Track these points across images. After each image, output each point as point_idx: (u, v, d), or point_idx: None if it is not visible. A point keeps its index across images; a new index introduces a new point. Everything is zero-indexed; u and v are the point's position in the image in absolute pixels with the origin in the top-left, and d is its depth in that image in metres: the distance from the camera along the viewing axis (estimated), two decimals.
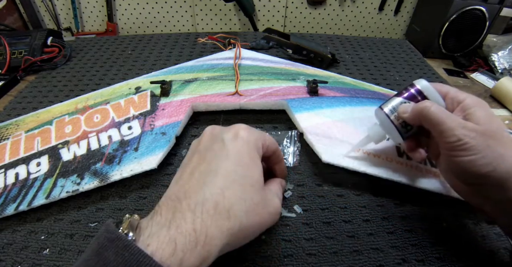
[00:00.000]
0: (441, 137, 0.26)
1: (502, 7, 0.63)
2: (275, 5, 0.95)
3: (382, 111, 0.31)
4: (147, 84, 0.45)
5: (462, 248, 0.30)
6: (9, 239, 0.30)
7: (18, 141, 0.39)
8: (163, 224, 0.19)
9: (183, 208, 0.20)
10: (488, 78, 0.63)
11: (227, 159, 0.23)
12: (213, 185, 0.22)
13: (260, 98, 0.44)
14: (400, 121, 0.30)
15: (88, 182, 0.33)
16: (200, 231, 0.19)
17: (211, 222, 0.20)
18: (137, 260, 0.17)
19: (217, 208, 0.21)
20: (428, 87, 0.29)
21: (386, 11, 0.97)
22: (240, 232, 0.21)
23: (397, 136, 0.30)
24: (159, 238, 0.19)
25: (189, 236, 0.19)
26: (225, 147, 0.24)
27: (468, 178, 0.26)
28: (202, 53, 0.63)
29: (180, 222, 0.19)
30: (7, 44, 0.57)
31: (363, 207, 0.33)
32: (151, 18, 0.99)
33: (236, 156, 0.24)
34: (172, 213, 0.20)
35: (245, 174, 0.23)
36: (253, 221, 0.22)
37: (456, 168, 0.26)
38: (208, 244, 0.19)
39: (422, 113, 0.27)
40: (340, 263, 0.28)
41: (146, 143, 0.37)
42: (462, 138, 0.24)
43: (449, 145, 0.25)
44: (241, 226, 0.21)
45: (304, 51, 0.57)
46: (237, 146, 0.24)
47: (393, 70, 0.60)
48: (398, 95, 0.31)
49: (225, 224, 0.20)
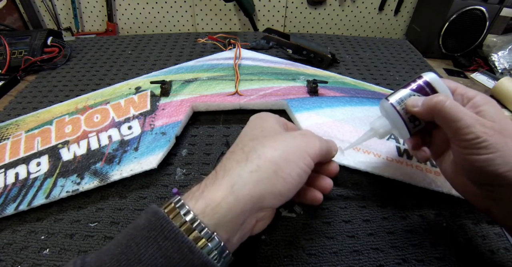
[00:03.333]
0: (456, 135, 0.24)
1: (502, 7, 0.63)
2: (275, 5, 0.95)
3: (388, 102, 0.28)
4: (147, 84, 0.45)
5: (462, 248, 0.30)
6: (9, 239, 0.30)
7: (18, 141, 0.39)
8: (205, 184, 0.23)
9: (229, 163, 0.24)
10: (488, 78, 0.63)
11: (277, 135, 0.26)
12: (261, 143, 0.24)
13: (260, 98, 0.44)
14: (409, 115, 0.27)
15: (88, 182, 0.33)
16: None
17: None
18: (161, 225, 0.19)
19: (270, 158, 0.23)
20: (437, 80, 0.27)
21: (386, 11, 0.97)
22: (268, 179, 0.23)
23: (404, 130, 0.28)
24: (200, 196, 0.21)
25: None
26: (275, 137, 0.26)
27: (482, 178, 0.24)
28: (202, 53, 0.63)
29: (223, 171, 0.23)
30: (7, 44, 0.57)
31: (363, 207, 0.33)
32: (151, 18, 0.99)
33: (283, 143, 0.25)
34: (215, 172, 0.24)
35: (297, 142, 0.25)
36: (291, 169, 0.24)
37: (470, 168, 0.24)
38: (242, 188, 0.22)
39: (436, 107, 0.25)
40: (340, 263, 0.28)
41: (146, 143, 0.37)
42: (480, 135, 0.23)
43: (466, 143, 0.23)
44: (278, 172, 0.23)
45: (304, 51, 0.57)
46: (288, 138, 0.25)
47: (393, 70, 0.60)
48: (405, 86, 0.28)
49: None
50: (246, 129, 0.27)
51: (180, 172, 0.37)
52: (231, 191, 0.21)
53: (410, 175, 0.34)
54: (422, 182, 0.34)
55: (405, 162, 0.35)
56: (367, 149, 0.36)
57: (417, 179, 0.34)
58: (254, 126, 0.27)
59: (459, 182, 0.27)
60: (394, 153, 0.36)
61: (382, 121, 0.29)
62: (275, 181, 0.22)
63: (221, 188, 0.21)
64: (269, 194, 0.22)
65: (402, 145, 0.38)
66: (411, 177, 0.34)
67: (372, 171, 0.34)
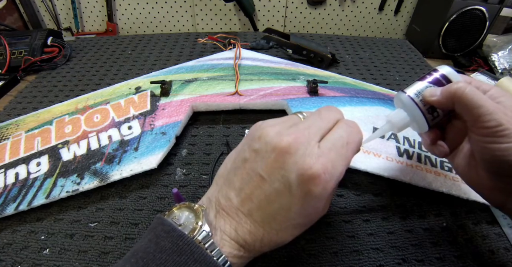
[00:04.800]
0: (477, 122, 0.23)
1: (502, 7, 0.63)
2: (275, 5, 0.95)
3: (405, 94, 0.27)
4: (147, 84, 0.45)
5: (462, 248, 0.30)
6: (9, 239, 0.30)
7: (18, 141, 0.39)
8: (229, 234, 0.21)
9: (245, 232, 0.21)
10: (488, 78, 0.63)
11: (288, 211, 0.21)
12: (269, 227, 0.21)
13: (260, 98, 0.44)
14: (427, 107, 0.27)
15: (88, 182, 0.33)
16: (257, 252, 0.22)
17: (262, 248, 0.22)
18: (190, 249, 0.19)
19: (271, 243, 0.22)
20: (453, 72, 0.27)
21: (386, 11, 0.97)
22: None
23: (423, 123, 0.27)
24: (230, 247, 0.21)
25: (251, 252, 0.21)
26: (290, 199, 0.20)
27: (501, 169, 0.23)
28: (202, 53, 0.63)
29: (244, 243, 0.21)
30: (7, 44, 0.57)
31: (363, 207, 0.33)
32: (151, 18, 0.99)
33: (298, 210, 0.21)
34: (235, 231, 0.21)
35: (303, 222, 0.22)
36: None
37: (490, 157, 0.23)
38: (260, 250, 0.22)
39: (456, 94, 0.24)
40: (340, 263, 0.28)
41: (146, 143, 0.37)
42: (503, 122, 0.22)
43: (487, 130, 0.23)
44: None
45: (304, 51, 0.57)
46: (302, 204, 0.20)
47: (393, 70, 0.60)
48: (420, 79, 0.28)
49: (270, 247, 0.22)
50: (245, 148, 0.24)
51: (180, 172, 0.37)
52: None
53: (410, 175, 0.34)
54: (422, 182, 0.34)
55: (405, 162, 0.35)
56: (367, 149, 0.36)
57: (417, 179, 0.34)
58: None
59: (474, 176, 0.26)
60: (394, 153, 0.36)
61: (400, 113, 0.28)
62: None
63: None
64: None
65: (402, 145, 0.38)
66: (411, 177, 0.34)
67: (372, 171, 0.34)
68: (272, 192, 0.20)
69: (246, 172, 0.22)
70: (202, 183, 0.35)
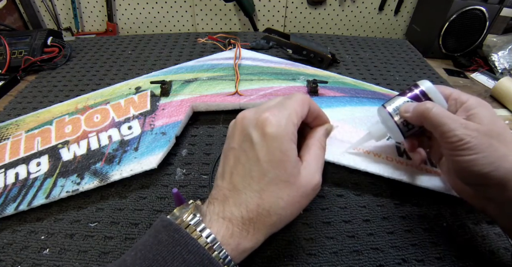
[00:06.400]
0: (442, 138, 0.26)
1: (502, 7, 0.63)
2: (275, 5, 0.95)
3: (385, 109, 0.31)
4: (147, 84, 0.45)
5: (462, 248, 0.30)
6: (9, 239, 0.30)
7: (18, 141, 0.39)
8: (217, 214, 0.23)
9: (231, 205, 0.23)
10: (488, 78, 0.63)
11: (258, 162, 0.23)
12: (250, 189, 0.23)
13: (260, 98, 0.44)
14: (402, 120, 0.30)
15: (88, 182, 0.33)
16: (248, 224, 0.22)
17: (256, 218, 0.23)
18: (185, 241, 0.21)
19: (258, 209, 0.23)
20: (432, 89, 0.29)
21: (386, 11, 0.97)
22: (281, 223, 0.24)
23: (398, 134, 0.31)
24: (218, 223, 0.22)
25: (241, 225, 0.22)
26: (254, 149, 0.23)
27: (469, 179, 0.26)
28: (202, 53, 0.63)
29: (232, 215, 0.23)
30: (7, 44, 0.57)
31: (363, 207, 0.33)
32: (151, 18, 0.99)
33: (266, 157, 0.23)
34: (223, 207, 0.23)
35: (277, 173, 0.23)
36: (292, 210, 0.24)
37: (458, 168, 0.26)
38: (256, 233, 0.23)
39: (423, 114, 0.27)
40: (340, 263, 0.28)
41: (146, 143, 0.37)
42: (463, 137, 0.24)
43: (451, 145, 0.25)
44: (281, 219, 0.23)
45: (304, 51, 0.57)
46: (265, 147, 0.23)
47: (393, 70, 0.60)
48: (401, 94, 0.31)
49: (267, 220, 0.23)
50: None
51: (180, 172, 0.37)
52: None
53: (410, 175, 0.34)
54: (422, 182, 0.34)
55: (405, 162, 0.35)
56: (367, 149, 0.36)
57: (417, 179, 0.34)
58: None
59: (456, 183, 0.28)
60: (394, 153, 0.36)
61: (378, 126, 0.33)
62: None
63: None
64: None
65: (402, 145, 0.38)
66: (411, 177, 0.34)
67: (372, 171, 0.34)
68: (242, 153, 0.24)
69: (230, 157, 0.25)
70: (202, 183, 0.35)
